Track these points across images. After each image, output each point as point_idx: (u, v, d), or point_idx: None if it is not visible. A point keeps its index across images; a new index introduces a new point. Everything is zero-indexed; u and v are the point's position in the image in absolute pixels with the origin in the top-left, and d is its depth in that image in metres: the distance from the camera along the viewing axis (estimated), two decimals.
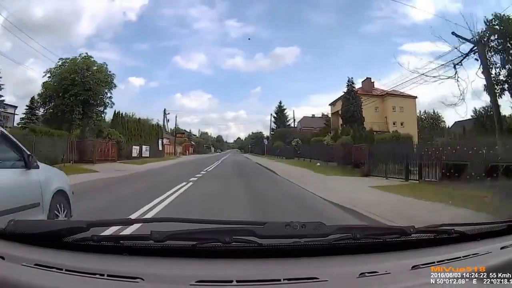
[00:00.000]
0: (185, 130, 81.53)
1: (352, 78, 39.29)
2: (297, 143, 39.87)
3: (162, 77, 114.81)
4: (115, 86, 27.05)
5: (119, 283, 1.07)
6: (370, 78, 44.40)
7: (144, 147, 35.42)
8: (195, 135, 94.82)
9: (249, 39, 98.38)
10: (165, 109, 53.28)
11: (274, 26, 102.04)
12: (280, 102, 68.25)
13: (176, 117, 63.03)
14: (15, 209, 3.51)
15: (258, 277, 1.12)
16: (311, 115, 61.54)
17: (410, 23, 67.87)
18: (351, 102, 37.82)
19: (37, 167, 4.20)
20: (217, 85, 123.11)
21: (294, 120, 59.06)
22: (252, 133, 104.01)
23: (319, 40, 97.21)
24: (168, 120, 56.15)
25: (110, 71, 26.32)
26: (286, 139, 47.46)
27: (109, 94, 26.39)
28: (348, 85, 38.96)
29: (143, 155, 33.88)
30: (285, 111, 67.23)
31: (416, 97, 40.66)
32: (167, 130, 56.09)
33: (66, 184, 4.84)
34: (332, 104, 47.91)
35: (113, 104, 27.73)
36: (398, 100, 40.44)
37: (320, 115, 56.57)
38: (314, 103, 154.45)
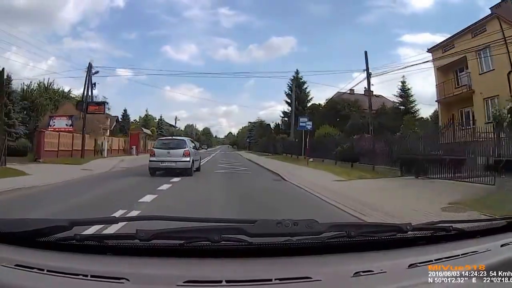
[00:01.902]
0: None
1: None
2: None
3: (151, 69, 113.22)
4: None
5: (103, 284, 1.03)
6: None
7: None
8: (175, 126, 70.17)
9: None
10: (90, 64, 25.66)
11: (269, 15, 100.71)
12: (297, 72, 43.33)
13: (90, 66, 26.31)
14: (199, 159, 17.03)
15: (249, 277, 1.08)
16: (348, 91, 32.31)
17: (409, 12, 65.85)
18: None
19: (198, 149, 19.12)
20: (208, 78, 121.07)
21: (369, 76, 23.20)
22: (250, 123, 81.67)
23: (317, 31, 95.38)
24: (94, 85, 26.62)
25: None
26: (347, 121, 26.54)
27: None
28: None
29: None
30: (305, 86, 43.62)
31: None
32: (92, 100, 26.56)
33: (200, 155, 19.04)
34: (441, 47, 23.13)
35: None
36: None
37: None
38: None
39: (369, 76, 23.05)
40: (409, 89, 30.99)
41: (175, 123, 69.23)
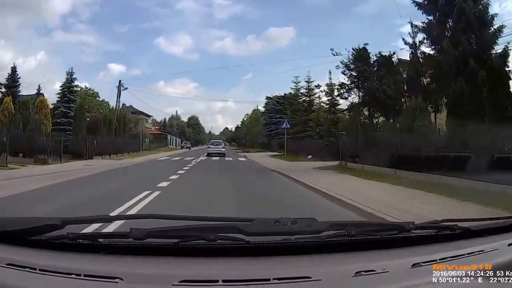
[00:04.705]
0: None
1: None
2: None
3: (144, 64, 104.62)
4: None
5: (97, 284, 1.01)
6: None
7: None
8: (152, 117, 51.82)
9: None
10: None
11: (266, 5, 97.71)
12: None
13: None
14: (226, 152, 34.89)
15: (246, 276, 1.05)
16: None
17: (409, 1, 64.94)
18: None
19: (224, 146, 37.35)
20: (203, 72, 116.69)
21: None
22: (268, 98, 50.66)
23: (316, 21, 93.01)
24: None
25: None
26: None
27: None
28: None
29: None
30: None
31: None
32: None
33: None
34: None
35: None
36: None
37: None
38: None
39: None
40: None
41: (119, 96, 36.81)
